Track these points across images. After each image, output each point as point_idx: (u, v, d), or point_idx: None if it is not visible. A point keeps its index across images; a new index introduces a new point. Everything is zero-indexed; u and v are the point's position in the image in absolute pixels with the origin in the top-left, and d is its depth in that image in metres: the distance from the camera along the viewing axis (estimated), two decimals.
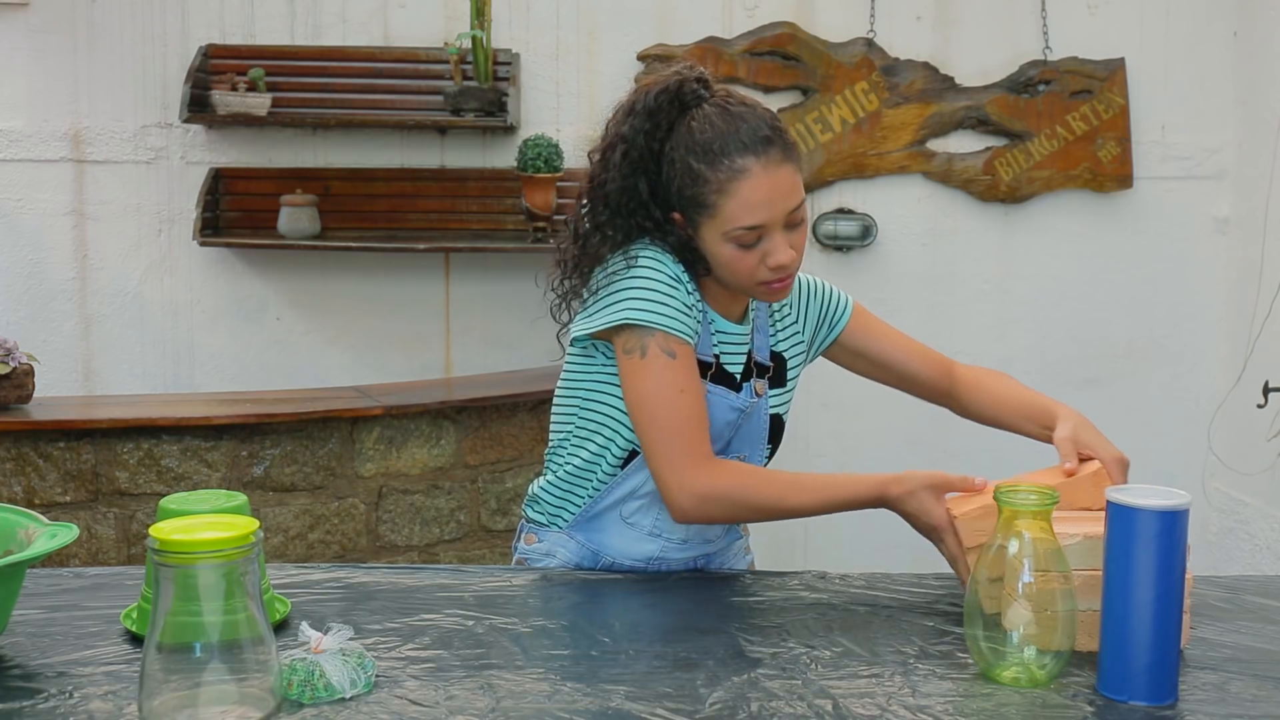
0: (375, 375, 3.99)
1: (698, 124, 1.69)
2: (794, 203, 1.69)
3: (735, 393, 1.79)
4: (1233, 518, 4.11)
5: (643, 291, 1.70)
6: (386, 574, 1.75)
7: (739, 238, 1.68)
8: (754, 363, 1.83)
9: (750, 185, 1.66)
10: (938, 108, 4.11)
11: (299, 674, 1.30)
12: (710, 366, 1.77)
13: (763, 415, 1.83)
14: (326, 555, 3.25)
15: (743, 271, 1.70)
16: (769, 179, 1.66)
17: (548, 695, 1.34)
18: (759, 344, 1.85)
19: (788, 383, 1.88)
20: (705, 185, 1.67)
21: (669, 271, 1.72)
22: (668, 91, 1.71)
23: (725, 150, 1.66)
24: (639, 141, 1.71)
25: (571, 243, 1.79)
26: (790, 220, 1.69)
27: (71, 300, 4.03)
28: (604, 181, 1.74)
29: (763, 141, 1.67)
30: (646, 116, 1.71)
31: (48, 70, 3.95)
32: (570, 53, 4.05)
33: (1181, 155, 4.19)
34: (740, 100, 1.72)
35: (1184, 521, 1.32)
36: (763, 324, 1.86)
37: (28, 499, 3.01)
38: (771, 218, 1.67)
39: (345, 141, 4.02)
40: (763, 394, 1.83)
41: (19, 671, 1.38)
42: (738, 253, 1.69)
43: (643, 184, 1.73)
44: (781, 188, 1.67)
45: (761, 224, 1.67)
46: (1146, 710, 1.32)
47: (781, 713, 1.30)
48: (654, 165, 1.72)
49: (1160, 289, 4.23)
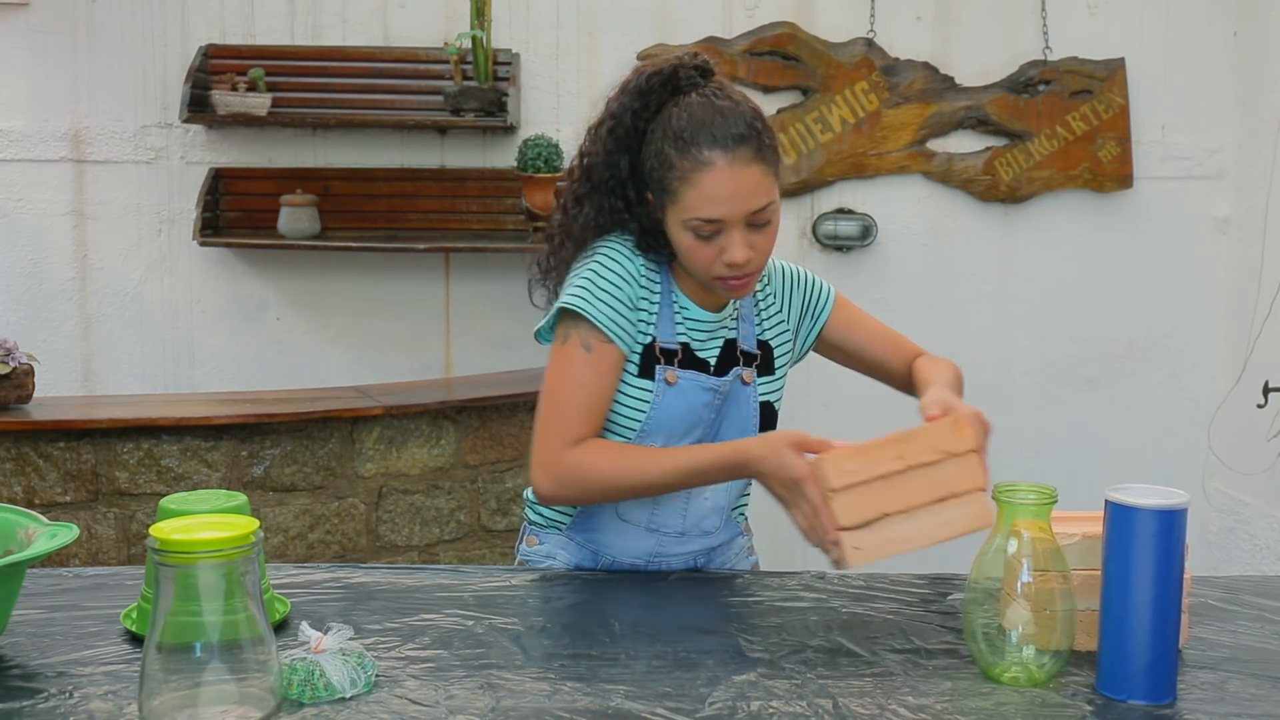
0: (375, 375, 3.99)
1: (679, 110, 1.71)
2: (757, 203, 1.70)
3: (708, 375, 1.80)
4: (1233, 518, 4.11)
5: (587, 282, 1.75)
6: (386, 574, 1.75)
7: (696, 228, 1.70)
8: (740, 351, 1.84)
9: (712, 179, 1.68)
10: (938, 108, 4.11)
11: (299, 674, 1.30)
12: (675, 353, 1.79)
13: (751, 403, 1.83)
14: (326, 555, 3.25)
15: (700, 263, 1.73)
16: (732, 176, 1.68)
17: (548, 695, 1.34)
18: (745, 333, 1.85)
19: (776, 370, 1.88)
20: (671, 171, 1.70)
21: (621, 268, 1.76)
22: (660, 74, 1.74)
23: (695, 140, 1.69)
24: (626, 119, 1.75)
25: (559, 214, 1.84)
26: (752, 220, 1.71)
27: (71, 300, 4.03)
28: (591, 154, 1.79)
29: (734, 138, 1.69)
30: (637, 95, 1.75)
31: (48, 70, 3.95)
32: (570, 53, 4.06)
33: (1181, 155, 4.19)
34: (729, 95, 1.73)
35: (1182, 521, 1.33)
36: (748, 313, 1.87)
37: (28, 499, 3.01)
38: (730, 214, 1.69)
39: (345, 141, 4.02)
40: (750, 382, 1.83)
41: (19, 671, 1.38)
42: (695, 243, 1.72)
43: (624, 161, 1.77)
44: (745, 187, 1.69)
45: (719, 219, 1.69)
46: (1145, 709, 1.33)
47: (781, 713, 1.30)
48: (636, 144, 1.76)
49: (1160, 289, 4.23)
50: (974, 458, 1.53)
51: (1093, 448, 4.20)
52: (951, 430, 1.54)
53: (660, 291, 1.80)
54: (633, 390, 1.78)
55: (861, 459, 1.51)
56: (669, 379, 1.77)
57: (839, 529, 1.50)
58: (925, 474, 1.51)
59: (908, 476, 1.51)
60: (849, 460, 1.51)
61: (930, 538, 1.51)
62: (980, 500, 1.52)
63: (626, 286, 1.76)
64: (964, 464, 1.53)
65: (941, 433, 1.54)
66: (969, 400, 1.70)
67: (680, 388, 1.77)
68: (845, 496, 1.50)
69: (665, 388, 1.77)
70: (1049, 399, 4.23)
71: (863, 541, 1.50)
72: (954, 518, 1.51)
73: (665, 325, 1.79)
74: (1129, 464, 4.12)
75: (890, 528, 1.50)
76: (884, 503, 1.50)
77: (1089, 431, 4.22)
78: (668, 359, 1.78)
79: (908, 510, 1.51)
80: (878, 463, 1.50)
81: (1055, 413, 4.22)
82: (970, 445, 1.53)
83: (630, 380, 1.78)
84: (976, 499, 1.52)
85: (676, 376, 1.78)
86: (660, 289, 1.80)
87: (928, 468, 1.51)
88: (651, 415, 1.77)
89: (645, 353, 1.78)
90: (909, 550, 1.51)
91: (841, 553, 1.50)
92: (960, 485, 1.52)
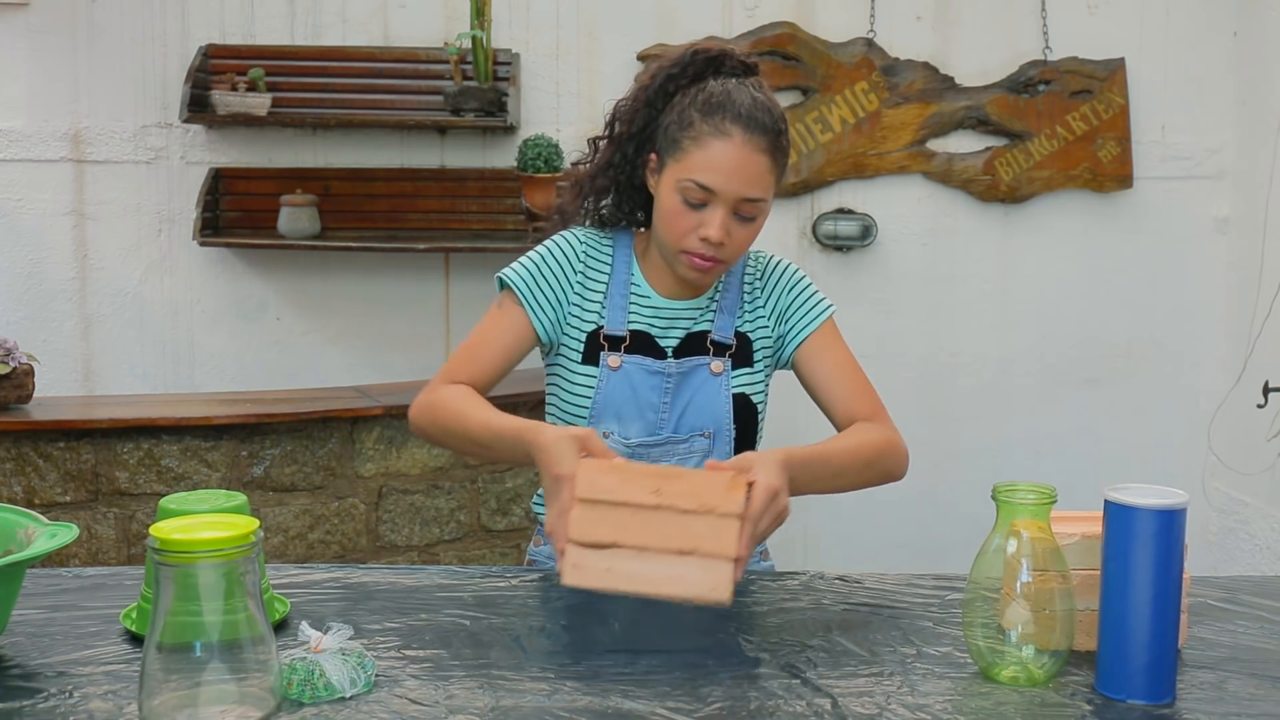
0: (375, 375, 3.99)
1: (716, 84, 1.78)
2: (753, 192, 1.73)
3: (655, 359, 1.83)
4: (1233, 518, 4.11)
5: (525, 258, 1.87)
6: (386, 574, 1.75)
7: (687, 191, 1.74)
8: (712, 341, 1.86)
9: (723, 147, 1.72)
10: (938, 108, 4.11)
11: (299, 674, 1.31)
12: (623, 339, 1.83)
13: (722, 393, 1.84)
14: (326, 555, 3.26)
15: (674, 230, 1.76)
16: (742, 154, 1.72)
17: (548, 695, 1.34)
18: (721, 323, 1.87)
19: (755, 364, 1.89)
20: (688, 130, 1.75)
21: (561, 251, 1.86)
22: (709, 54, 1.82)
23: (722, 109, 1.74)
24: (660, 79, 1.82)
25: (586, 162, 1.92)
26: (741, 208, 1.74)
27: (71, 300, 4.03)
28: (626, 102, 1.86)
29: (757, 125, 1.73)
30: (678, 64, 1.81)
31: (48, 70, 3.95)
32: (570, 53, 4.06)
33: (1181, 155, 4.19)
34: (766, 93, 1.79)
35: (1182, 521, 1.33)
36: (730, 305, 1.88)
37: (28, 499, 3.02)
38: (724, 188, 1.72)
39: (345, 141, 4.02)
40: (721, 371, 1.84)
41: (19, 671, 1.38)
42: (680, 207, 1.75)
43: (644, 115, 1.82)
44: (749, 169, 1.73)
45: (712, 188, 1.73)
46: (1144, 709, 1.33)
47: (781, 712, 1.31)
48: (660, 104, 1.81)
49: (1160, 289, 4.23)
50: (735, 524, 1.38)
51: (1093, 448, 4.20)
52: (724, 486, 1.39)
53: (610, 276, 1.86)
54: (578, 377, 1.83)
55: (616, 478, 1.40)
56: (611, 364, 1.82)
57: (569, 540, 1.39)
58: (676, 519, 1.38)
59: (657, 514, 1.38)
60: (605, 475, 1.40)
61: (655, 587, 1.38)
62: (722, 570, 1.37)
63: (558, 267, 1.85)
64: (722, 525, 1.38)
65: (712, 485, 1.40)
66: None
67: (625, 371, 1.82)
68: (586, 510, 1.39)
69: (609, 372, 1.82)
70: (1049, 399, 4.23)
71: (584, 562, 1.38)
72: (687, 577, 1.37)
73: (615, 312, 1.84)
74: (1129, 464, 4.12)
75: (618, 559, 1.38)
76: (620, 532, 1.38)
77: (1089, 431, 4.22)
78: (612, 345, 1.83)
79: (642, 549, 1.38)
80: (631, 489, 1.39)
81: (1055, 413, 4.22)
82: (735, 509, 1.38)
83: (574, 368, 1.84)
84: (719, 567, 1.37)
85: (620, 361, 1.82)
86: (610, 273, 1.86)
87: (682, 514, 1.38)
88: (596, 400, 1.82)
89: (590, 339, 1.84)
90: (630, 591, 1.38)
91: (562, 565, 1.40)
92: (708, 545, 1.37)
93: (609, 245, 1.89)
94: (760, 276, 1.92)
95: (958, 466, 4.13)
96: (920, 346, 4.15)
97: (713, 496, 1.39)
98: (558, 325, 1.85)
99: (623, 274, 1.86)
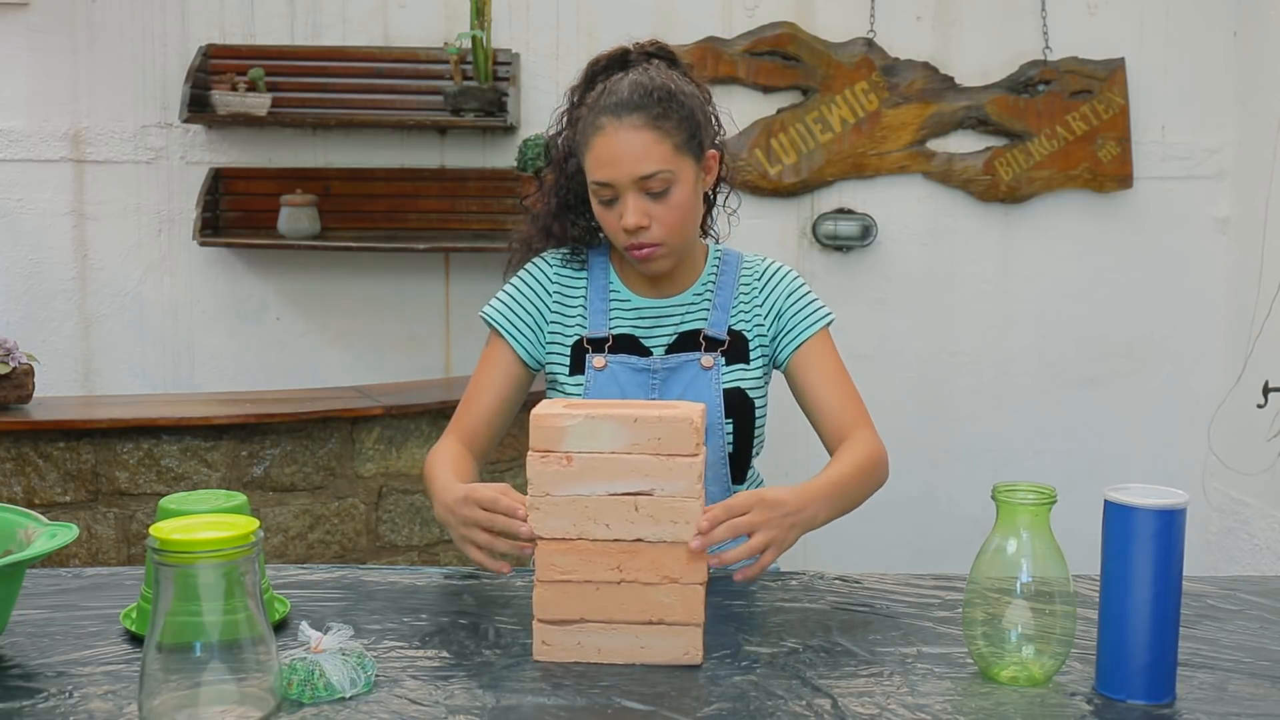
0: (375, 375, 3.99)
1: (600, 84, 1.81)
2: (644, 169, 1.75)
3: (639, 357, 1.86)
4: (1233, 518, 4.11)
5: (502, 293, 1.92)
6: (386, 574, 1.75)
7: (597, 192, 1.79)
8: (704, 337, 1.87)
9: (601, 142, 1.76)
10: (938, 108, 4.11)
11: (299, 674, 1.31)
12: (605, 341, 1.86)
13: (713, 387, 1.85)
14: (326, 555, 3.26)
15: (610, 231, 1.82)
16: (616, 140, 1.75)
17: (547, 695, 1.34)
18: (714, 319, 1.88)
19: (751, 360, 1.89)
20: (581, 136, 1.80)
21: (533, 278, 1.90)
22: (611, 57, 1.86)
23: (596, 107, 1.78)
24: (573, 98, 1.86)
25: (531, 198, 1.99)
26: (645, 186, 1.76)
27: (71, 300, 4.03)
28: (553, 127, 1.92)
29: (626, 105, 1.75)
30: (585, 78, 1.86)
31: (48, 70, 3.95)
32: (570, 53, 4.05)
33: (1181, 155, 4.19)
34: (654, 72, 1.80)
35: (1182, 521, 1.33)
36: (724, 302, 1.90)
37: (28, 499, 3.02)
38: (616, 177, 1.75)
39: (345, 141, 4.02)
40: (712, 366, 1.85)
41: (19, 671, 1.38)
42: (601, 209, 1.80)
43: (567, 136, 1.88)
44: (629, 151, 1.74)
45: (608, 182, 1.76)
46: (1144, 709, 1.33)
47: (781, 712, 1.31)
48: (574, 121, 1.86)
49: (1160, 289, 4.23)
50: (700, 590, 1.42)
51: (1092, 448, 4.20)
52: (685, 559, 1.42)
53: (587, 285, 1.89)
54: (570, 389, 1.86)
55: (576, 558, 1.42)
56: (596, 364, 1.85)
57: (536, 620, 1.43)
58: (640, 592, 1.42)
59: (620, 589, 1.42)
60: (564, 555, 1.42)
61: (626, 658, 1.43)
62: (692, 635, 1.43)
63: (531, 292, 1.89)
64: (687, 593, 1.42)
65: (673, 556, 1.42)
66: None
67: (610, 371, 1.84)
68: (549, 590, 1.42)
69: (595, 373, 1.85)
70: (1049, 399, 4.23)
71: (553, 639, 1.43)
72: (658, 645, 1.42)
73: (595, 316, 1.87)
74: (1129, 464, 4.12)
75: (586, 634, 1.43)
76: (587, 608, 1.42)
77: (1089, 431, 4.22)
78: (596, 347, 1.85)
79: (609, 622, 1.42)
80: (592, 569, 1.42)
81: (1055, 413, 4.22)
82: (699, 579, 1.42)
83: (565, 380, 1.86)
84: (688, 632, 1.42)
85: (605, 361, 1.85)
86: (587, 283, 1.89)
87: (645, 586, 1.42)
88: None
89: (575, 349, 1.87)
90: (602, 662, 1.42)
91: (534, 643, 1.44)
92: (674, 615, 1.42)
93: (581, 259, 1.92)
94: (758, 278, 1.93)
95: (957, 466, 4.13)
96: (920, 346, 4.15)
97: (675, 569, 1.43)
98: (539, 346, 1.89)
99: (600, 281, 1.89)
